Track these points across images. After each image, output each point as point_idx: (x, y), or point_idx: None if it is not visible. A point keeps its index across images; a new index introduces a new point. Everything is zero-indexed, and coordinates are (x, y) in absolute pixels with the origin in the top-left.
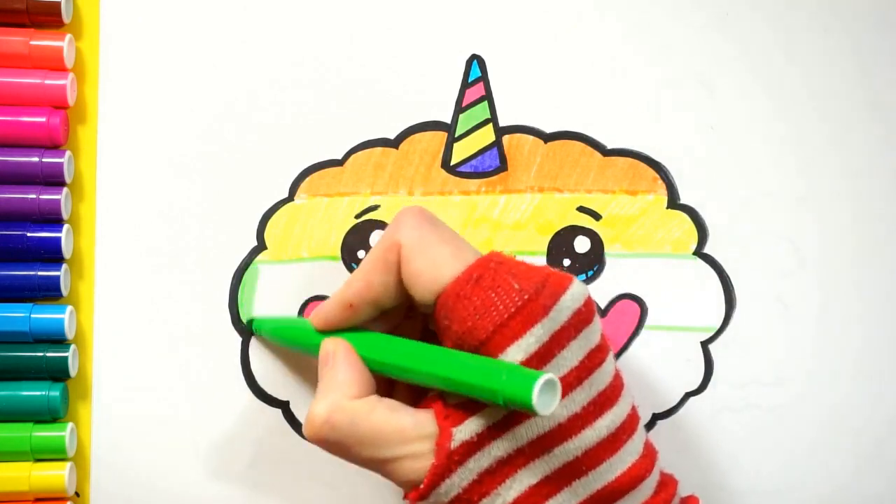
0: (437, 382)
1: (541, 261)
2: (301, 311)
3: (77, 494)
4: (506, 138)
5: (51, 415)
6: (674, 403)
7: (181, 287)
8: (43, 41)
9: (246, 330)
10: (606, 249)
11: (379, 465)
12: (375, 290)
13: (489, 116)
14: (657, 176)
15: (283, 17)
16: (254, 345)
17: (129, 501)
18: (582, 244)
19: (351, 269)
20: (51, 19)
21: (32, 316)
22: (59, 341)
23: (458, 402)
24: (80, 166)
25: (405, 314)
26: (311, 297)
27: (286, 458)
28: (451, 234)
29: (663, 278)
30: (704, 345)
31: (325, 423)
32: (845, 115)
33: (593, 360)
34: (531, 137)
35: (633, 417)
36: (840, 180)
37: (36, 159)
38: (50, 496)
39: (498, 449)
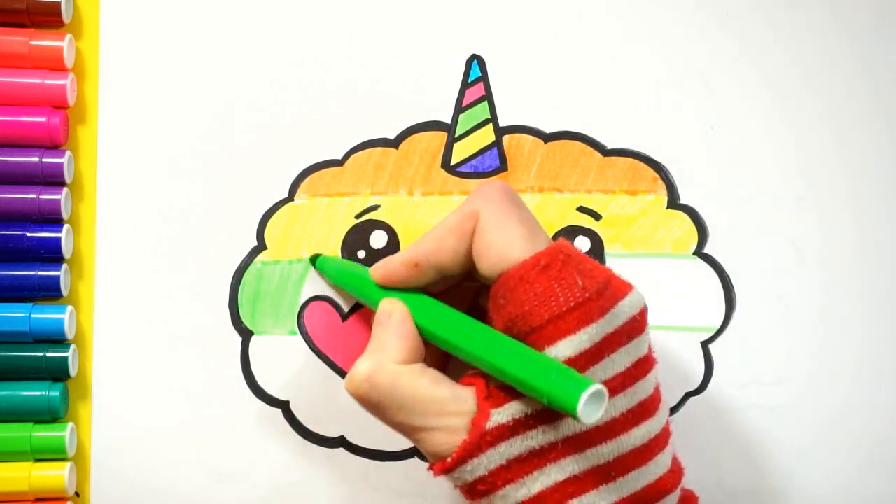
0: (486, 367)
1: None
2: (301, 311)
3: (77, 494)
4: (506, 138)
5: (51, 415)
6: (674, 403)
7: (181, 287)
8: (43, 41)
9: (309, 262)
10: (606, 249)
11: (411, 432)
12: (444, 255)
13: (489, 116)
14: (657, 176)
15: (283, 17)
16: (254, 345)
17: (129, 501)
18: (582, 244)
19: None
20: (51, 19)
21: (32, 316)
22: (59, 341)
23: (500, 384)
24: (80, 166)
25: (458, 283)
26: (312, 297)
27: (286, 458)
28: (529, 215)
29: (663, 278)
30: (704, 345)
31: (365, 380)
32: (845, 115)
33: (639, 369)
34: (531, 137)
35: (666, 432)
36: (840, 180)
37: (36, 159)
38: (50, 496)
39: (532, 439)
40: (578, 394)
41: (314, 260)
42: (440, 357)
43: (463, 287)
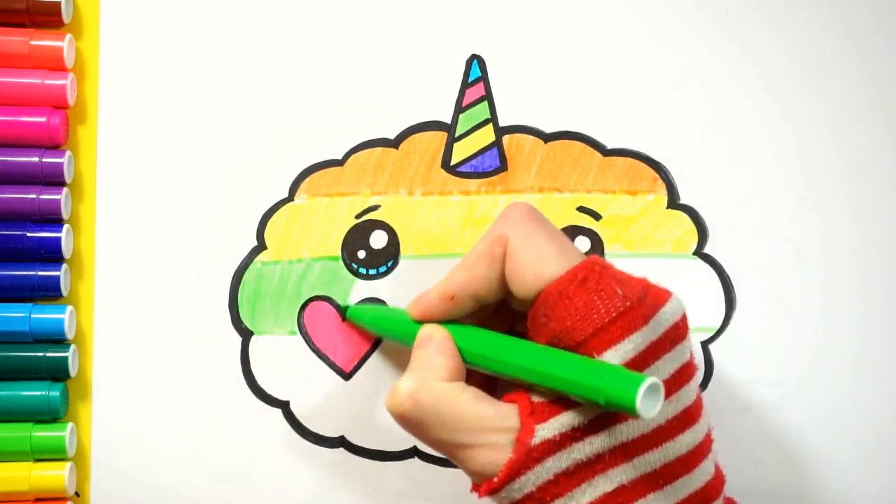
0: (536, 377)
1: None
2: (301, 311)
3: (77, 494)
4: (506, 138)
5: (51, 415)
6: None
7: (181, 287)
8: (43, 41)
9: (340, 314)
10: (606, 249)
11: (454, 450)
12: (478, 283)
13: (489, 116)
14: (657, 176)
15: (283, 17)
16: (254, 345)
17: (129, 501)
18: (582, 244)
19: (351, 269)
20: (51, 19)
21: (32, 316)
22: (59, 341)
23: (543, 401)
24: (80, 166)
25: (493, 313)
26: (312, 297)
27: (286, 458)
28: (557, 232)
29: (663, 278)
30: (704, 345)
31: (409, 397)
32: (845, 115)
33: (683, 375)
34: (531, 137)
35: (708, 439)
36: (840, 180)
37: (36, 159)
38: (50, 496)
39: (579, 451)
40: (636, 388)
41: (345, 311)
42: (482, 383)
43: (497, 318)
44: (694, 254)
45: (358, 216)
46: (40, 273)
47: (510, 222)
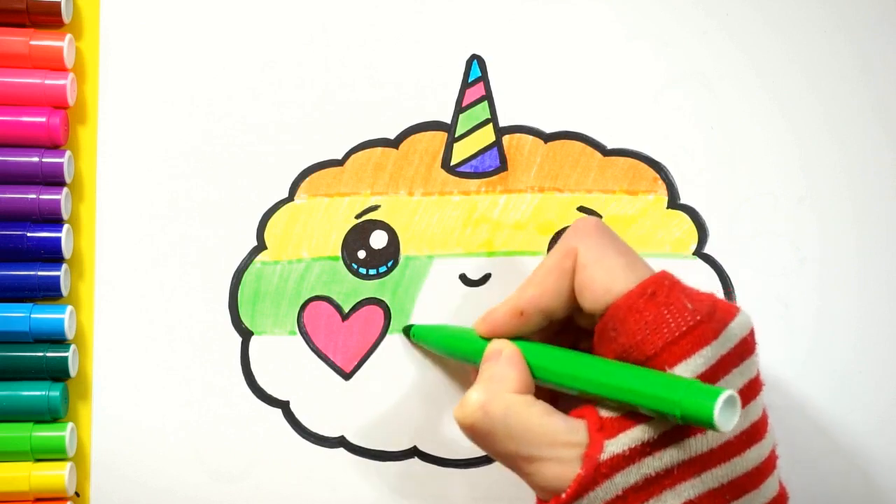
0: (609, 391)
1: (540, 260)
2: (301, 311)
3: (77, 494)
4: (506, 138)
5: (51, 415)
6: None
7: (181, 287)
8: (43, 41)
9: (403, 335)
10: None
11: (521, 463)
12: (548, 297)
13: (489, 116)
14: (657, 176)
15: (283, 17)
16: (254, 345)
17: (129, 501)
18: None
19: (351, 269)
20: (51, 19)
21: (32, 316)
22: (59, 341)
23: (612, 417)
24: (80, 166)
25: (557, 330)
26: (311, 297)
27: (286, 458)
28: (626, 247)
29: None
30: None
31: (479, 408)
32: (846, 115)
33: (751, 390)
34: (531, 137)
35: (773, 455)
36: (840, 180)
37: (36, 159)
38: (50, 496)
39: (647, 467)
40: (714, 400)
41: (407, 331)
42: (545, 398)
43: (561, 335)
44: (694, 254)
45: (358, 216)
46: (40, 273)
47: (580, 236)
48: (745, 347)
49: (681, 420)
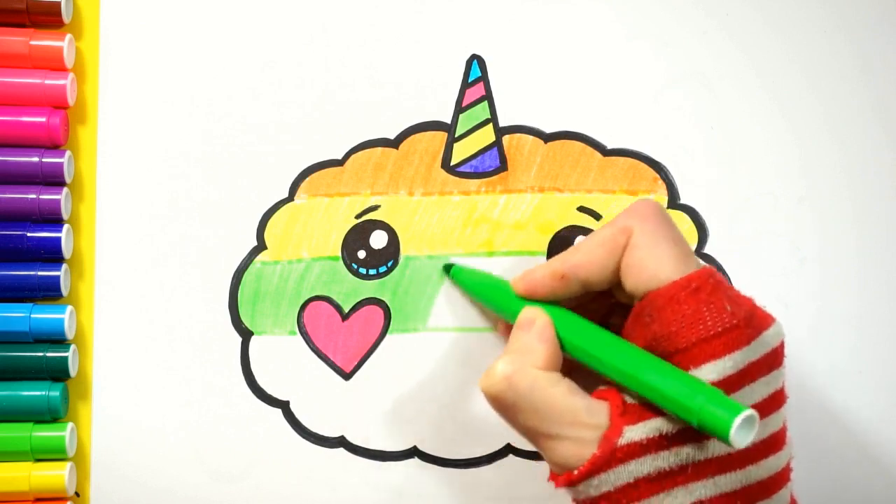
0: (631, 382)
1: (540, 260)
2: (301, 311)
3: (77, 494)
4: (506, 138)
5: (51, 415)
6: None
7: (181, 287)
8: (43, 41)
9: (442, 272)
10: None
11: (540, 438)
12: (593, 268)
13: (489, 116)
14: (657, 176)
15: (283, 17)
16: (254, 345)
17: (129, 501)
18: None
19: (351, 269)
20: (51, 19)
21: (32, 316)
22: (59, 341)
23: (636, 403)
24: (80, 166)
25: (592, 299)
26: (311, 297)
27: (286, 458)
28: (681, 237)
29: None
30: None
31: (504, 379)
32: (846, 115)
33: (774, 401)
34: (531, 137)
35: (788, 467)
36: (840, 180)
37: (36, 159)
38: (50, 496)
39: (663, 460)
40: (732, 418)
41: (448, 269)
42: (568, 371)
43: (595, 304)
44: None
45: (358, 216)
46: (40, 273)
47: (639, 217)
48: (775, 358)
49: (697, 427)
